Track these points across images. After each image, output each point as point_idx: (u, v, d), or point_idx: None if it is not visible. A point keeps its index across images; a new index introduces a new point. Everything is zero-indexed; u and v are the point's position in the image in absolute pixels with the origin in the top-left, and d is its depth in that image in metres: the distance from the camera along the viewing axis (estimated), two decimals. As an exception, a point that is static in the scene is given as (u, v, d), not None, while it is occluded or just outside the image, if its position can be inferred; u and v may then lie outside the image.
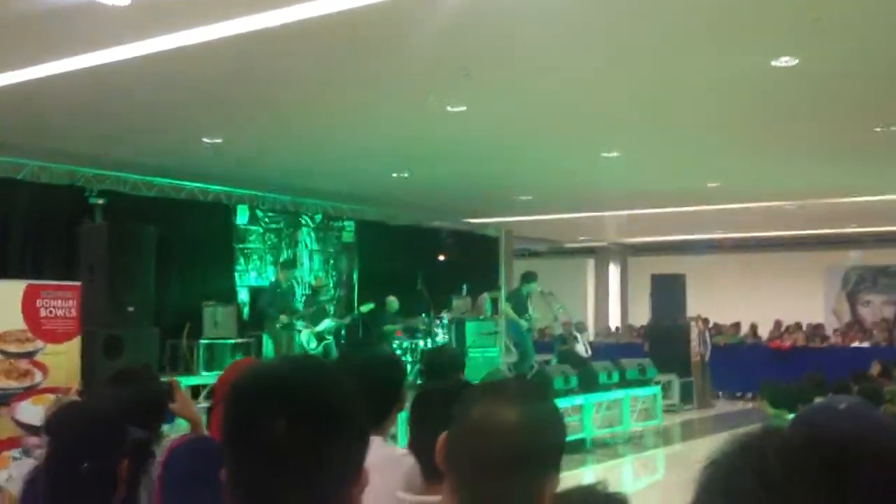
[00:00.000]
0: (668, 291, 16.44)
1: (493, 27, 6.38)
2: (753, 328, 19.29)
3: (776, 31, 6.48)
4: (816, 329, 18.71)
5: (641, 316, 22.41)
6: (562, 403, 10.85)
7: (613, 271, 25.05)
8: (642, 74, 7.66)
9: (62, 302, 7.38)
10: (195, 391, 11.01)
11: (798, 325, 19.23)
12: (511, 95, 8.31)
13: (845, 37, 6.39)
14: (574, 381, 11.28)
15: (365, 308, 12.51)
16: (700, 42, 6.78)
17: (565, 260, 23.95)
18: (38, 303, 7.32)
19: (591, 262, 25.25)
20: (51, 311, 7.34)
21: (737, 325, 19.50)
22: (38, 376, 7.23)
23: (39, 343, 7.29)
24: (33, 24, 6.26)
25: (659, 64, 7.34)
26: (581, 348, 16.55)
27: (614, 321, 24.45)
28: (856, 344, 17.28)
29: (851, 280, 22.39)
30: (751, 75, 7.46)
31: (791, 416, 6.70)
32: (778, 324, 19.48)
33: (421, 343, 12.87)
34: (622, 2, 5.94)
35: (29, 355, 7.22)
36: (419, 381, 11.98)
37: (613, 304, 24.92)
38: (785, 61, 6.99)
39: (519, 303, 12.78)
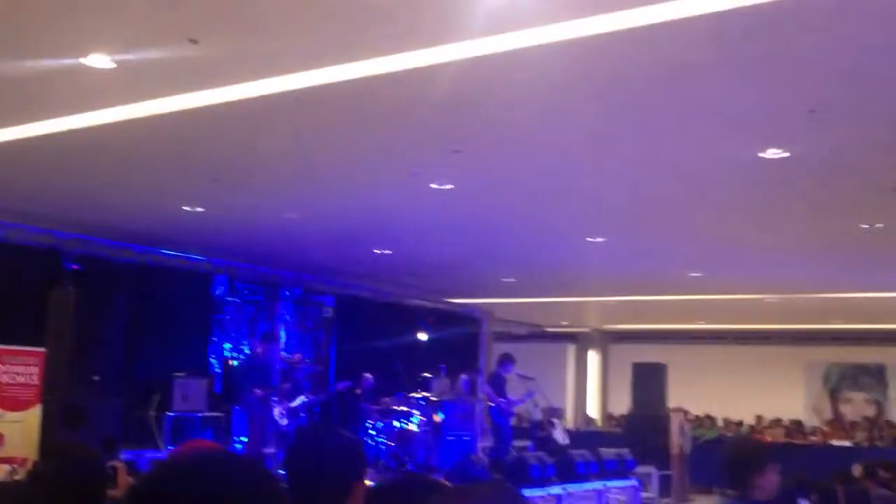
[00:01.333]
0: (649, 381, 16.21)
1: (485, 107, 6.31)
2: (737, 424, 19.06)
3: (768, 123, 6.45)
4: (797, 425, 18.47)
5: (621, 404, 22.16)
6: (538, 492, 10.53)
7: (593, 358, 24.82)
8: (631, 161, 7.62)
9: (24, 368, 7.12)
10: (160, 466, 10.64)
11: (778, 421, 19.00)
12: (499, 176, 8.24)
13: (839, 129, 6.35)
14: (551, 470, 10.95)
15: (341, 385, 12.21)
16: (691, 132, 6.74)
17: (546, 345, 23.74)
18: (0, 367, 7.05)
19: (571, 348, 25.05)
20: (12, 377, 7.07)
21: (711, 419, 19.20)
22: (-5, 445, 6.92)
23: (-2, 410, 7.00)
24: (17, 84, 6.16)
25: (648, 152, 7.30)
26: (559, 435, 16.20)
27: (593, 409, 24.13)
28: (836, 442, 17.03)
29: (833, 377, 22.26)
30: (739, 166, 7.42)
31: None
32: (759, 419, 19.25)
33: (396, 424, 12.54)
34: (612, 90, 5.90)
35: (-14, 422, 6.92)
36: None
37: (592, 391, 24.63)
38: (774, 153, 6.95)
39: (498, 385, 12.52)
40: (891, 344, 20.57)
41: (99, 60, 5.68)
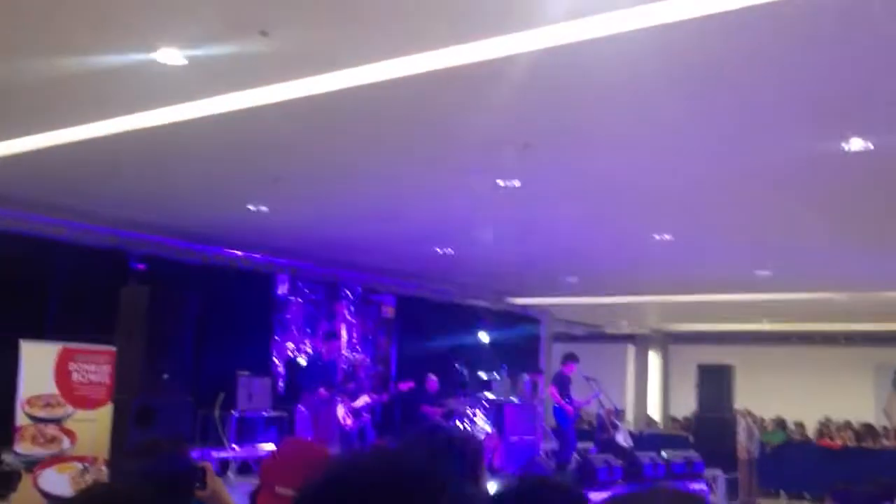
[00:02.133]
0: (714, 383, 15.86)
1: (559, 99, 6.16)
2: (801, 427, 18.59)
3: (852, 112, 6.20)
4: (868, 429, 17.93)
5: (682, 406, 21.76)
6: (605, 495, 10.34)
7: (654, 359, 24.43)
8: (705, 155, 7.39)
9: (96, 367, 7.14)
10: (224, 465, 10.66)
11: (847, 424, 18.48)
12: (568, 171, 8.06)
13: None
14: (618, 472, 10.76)
15: (403, 386, 12.13)
16: (769, 123, 6.51)
17: (604, 346, 23.42)
18: (72, 366, 7.09)
19: (631, 349, 24.68)
20: (84, 376, 7.10)
21: (781, 422, 18.73)
22: (66, 443, 6.95)
23: (69, 409, 7.03)
24: (84, 81, 6.14)
25: (723, 144, 7.07)
26: (622, 437, 15.95)
27: (654, 411, 23.74)
28: (911, 446, 16.49)
29: (903, 378, 21.59)
30: (820, 158, 7.15)
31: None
32: (827, 421, 18.74)
33: (459, 425, 12.42)
34: (690, 80, 5.70)
35: (57, 421, 6.94)
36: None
37: (653, 393, 24.23)
38: (858, 145, 6.69)
39: (563, 386, 12.33)
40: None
41: (169, 55, 5.65)
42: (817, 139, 6.72)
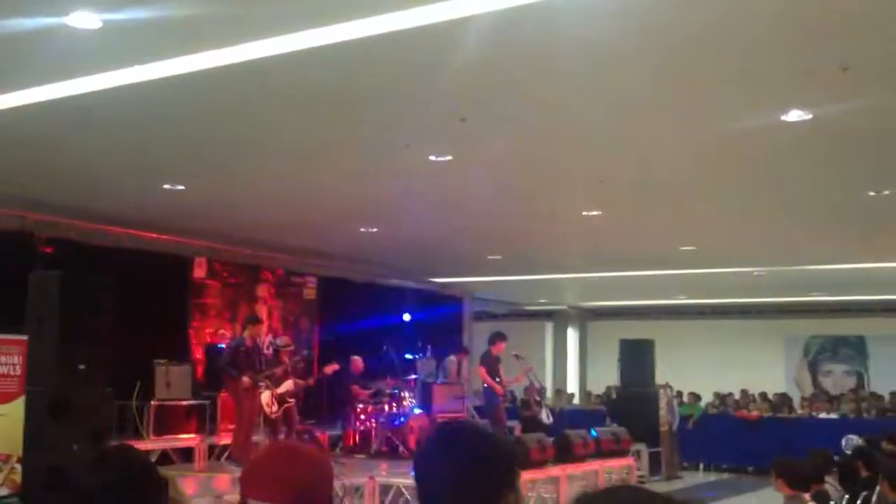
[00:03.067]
0: (636, 357, 15.95)
1: (494, 70, 5.90)
2: (720, 397, 18.95)
3: (793, 82, 6.12)
4: (783, 398, 18.38)
5: (599, 381, 21.99)
6: (537, 474, 10.24)
7: (572, 335, 24.62)
8: (642, 129, 7.26)
9: (6, 358, 6.62)
10: (143, 457, 10.18)
11: (763, 395, 18.91)
12: (500, 146, 7.83)
13: (871, 88, 6.03)
14: (550, 452, 10.66)
15: (328, 369, 11.77)
16: (707, 96, 6.38)
17: (523, 323, 23.46)
18: (-22, 358, 6.56)
19: (549, 326, 24.81)
20: (-8, 368, 6.57)
21: (697, 396, 18.98)
22: (-24, 441, 6.42)
23: (-22, 403, 6.51)
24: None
25: (656, 119, 6.94)
26: (544, 415, 15.96)
27: (572, 386, 23.92)
28: (823, 415, 16.93)
29: (812, 349, 22.27)
30: (759, 132, 7.08)
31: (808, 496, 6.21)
32: (745, 393, 19.14)
33: (386, 408, 12.17)
34: (636, 54, 5.51)
35: (-35, 417, 6.41)
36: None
37: (572, 369, 24.43)
38: (798, 115, 6.63)
39: (491, 366, 12.18)
40: (871, 315, 20.58)
41: (84, 19, 5.19)
42: (757, 112, 6.63)
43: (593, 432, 11.78)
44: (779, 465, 6.17)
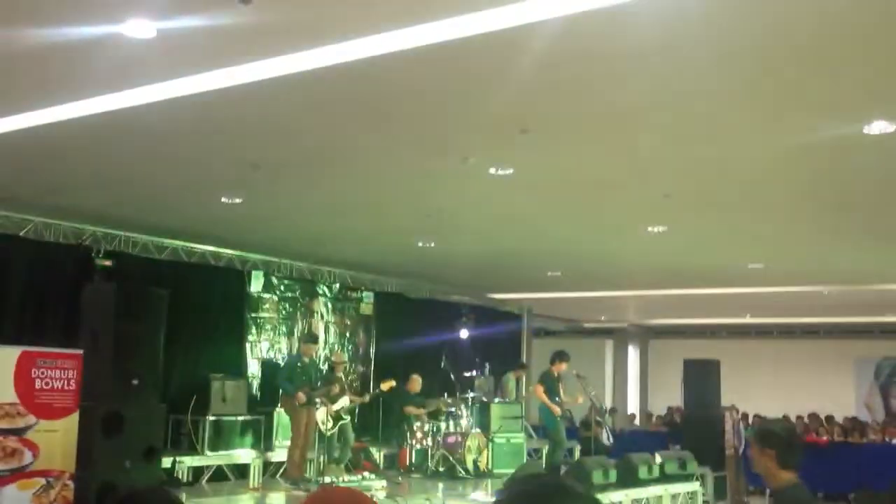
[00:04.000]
0: (701, 378, 15.45)
1: (558, 80, 5.65)
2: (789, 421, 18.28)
3: (877, 92, 5.76)
4: (854, 423, 17.68)
5: (661, 402, 21.43)
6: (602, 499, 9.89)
7: (633, 354, 24.10)
8: (712, 140, 6.93)
9: (60, 372, 6.53)
10: (197, 472, 10.08)
11: (830, 418, 18.24)
12: (564, 160, 7.57)
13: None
14: (613, 475, 10.31)
15: (385, 386, 11.57)
16: (786, 106, 6.05)
17: (582, 340, 23.02)
18: (34, 372, 6.48)
19: (609, 344, 24.32)
20: (47, 383, 6.49)
21: (762, 419, 18.37)
22: (28, 457, 6.34)
23: (31, 419, 6.42)
24: (41, 58, 5.52)
25: (729, 130, 6.61)
26: (605, 436, 15.56)
27: (632, 407, 23.39)
28: (896, 440, 16.24)
29: (884, 372, 21.45)
30: (838, 145, 6.70)
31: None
32: (814, 416, 18.49)
33: (443, 426, 11.92)
34: (703, 63, 5.22)
35: (18, 432, 6.32)
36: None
37: (632, 388, 23.89)
38: (882, 128, 6.25)
39: (551, 385, 11.84)
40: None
41: (139, 28, 5.07)
42: (838, 123, 6.27)
43: (658, 457, 11.39)
44: (857, 498, 5.78)
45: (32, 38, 5.19)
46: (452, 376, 12.65)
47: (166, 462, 9.08)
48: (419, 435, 11.79)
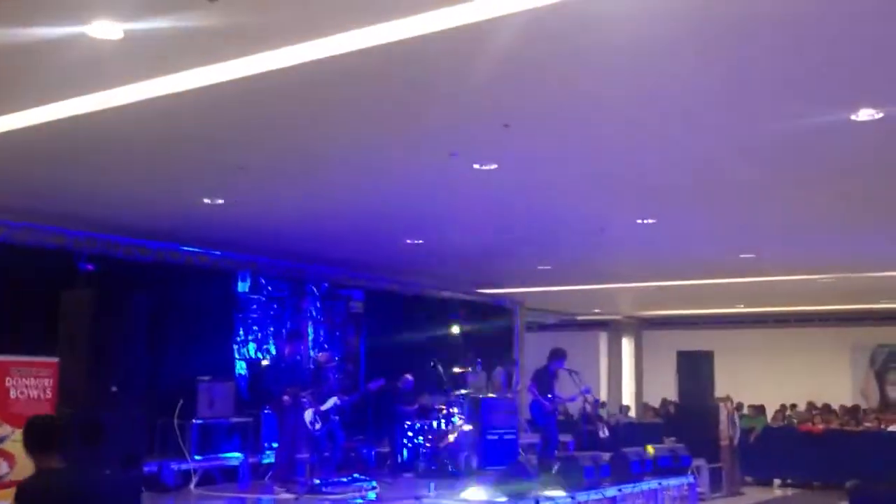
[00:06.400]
0: (694, 369, 15.43)
1: (539, 73, 5.54)
2: (783, 410, 18.24)
3: (864, 79, 5.65)
4: (851, 411, 17.59)
5: (655, 392, 21.34)
6: (593, 495, 9.78)
7: (627, 346, 23.99)
8: (697, 131, 6.82)
9: (36, 380, 6.42)
10: (186, 476, 9.96)
11: (827, 407, 18.16)
12: (549, 152, 7.46)
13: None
14: (605, 470, 10.20)
15: (374, 385, 11.45)
16: (771, 94, 5.93)
17: (576, 333, 22.94)
18: (9, 381, 6.36)
19: (603, 336, 24.22)
20: (22, 392, 6.37)
21: (760, 408, 18.18)
22: (4, 467, 6.22)
23: (7, 428, 6.30)
24: (4, 61, 5.39)
25: (715, 119, 6.50)
26: (601, 429, 15.48)
27: (627, 398, 23.29)
28: (893, 428, 16.13)
29: (879, 359, 21.38)
30: (825, 132, 6.60)
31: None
32: (810, 405, 18.41)
33: (435, 424, 11.81)
34: (686, 50, 5.12)
35: (-7, 443, 6.21)
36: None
37: (627, 380, 23.78)
38: (869, 115, 6.15)
39: (544, 382, 11.72)
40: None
41: (105, 29, 4.94)
42: (826, 109, 6.16)
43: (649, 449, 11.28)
44: (852, 490, 5.71)
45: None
46: (443, 373, 12.53)
47: (153, 467, 8.96)
48: (410, 433, 11.69)
